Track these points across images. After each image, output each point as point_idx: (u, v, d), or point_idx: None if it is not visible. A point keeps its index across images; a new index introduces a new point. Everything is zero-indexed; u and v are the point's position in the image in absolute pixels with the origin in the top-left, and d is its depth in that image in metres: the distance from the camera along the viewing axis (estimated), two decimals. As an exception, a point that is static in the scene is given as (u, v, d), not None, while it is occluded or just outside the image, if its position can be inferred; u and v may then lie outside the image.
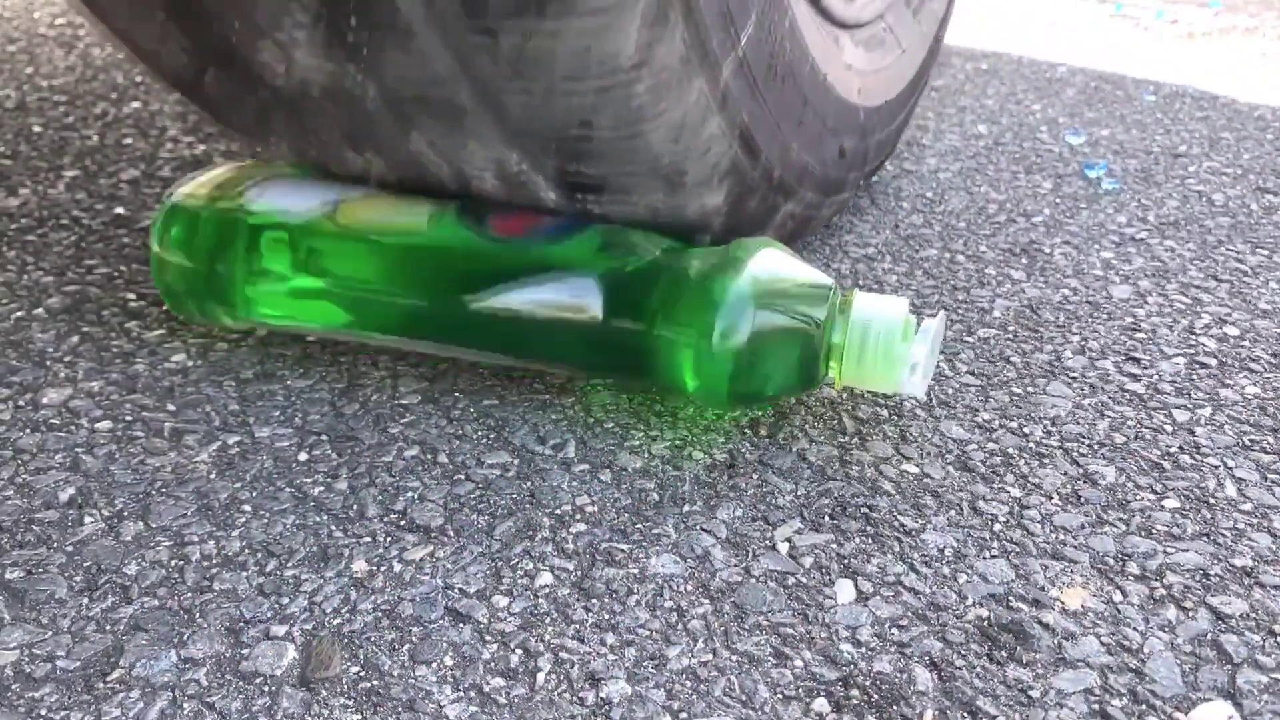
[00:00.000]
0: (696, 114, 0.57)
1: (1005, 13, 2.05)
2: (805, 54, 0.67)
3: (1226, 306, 0.78)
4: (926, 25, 0.96)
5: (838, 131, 0.76)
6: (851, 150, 0.80)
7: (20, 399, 0.62)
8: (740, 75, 0.59)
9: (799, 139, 0.70)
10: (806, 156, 0.72)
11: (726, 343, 0.54)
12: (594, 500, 0.54)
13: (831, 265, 0.85)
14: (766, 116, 0.64)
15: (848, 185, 0.83)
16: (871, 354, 0.55)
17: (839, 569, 0.49)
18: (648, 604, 0.47)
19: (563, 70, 0.52)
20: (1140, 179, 1.08)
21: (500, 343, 0.60)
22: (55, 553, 0.49)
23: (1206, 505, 0.54)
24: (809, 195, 0.75)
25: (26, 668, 0.42)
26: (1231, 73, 1.56)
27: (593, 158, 0.57)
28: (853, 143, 0.80)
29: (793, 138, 0.69)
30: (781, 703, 0.41)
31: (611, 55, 0.51)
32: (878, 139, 0.87)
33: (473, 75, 0.53)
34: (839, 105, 0.75)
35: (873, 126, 0.84)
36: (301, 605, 0.46)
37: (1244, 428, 0.61)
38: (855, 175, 0.84)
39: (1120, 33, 1.88)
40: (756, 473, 0.57)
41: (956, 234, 0.93)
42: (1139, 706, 0.41)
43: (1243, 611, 0.46)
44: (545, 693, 0.42)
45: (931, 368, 0.57)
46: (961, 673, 0.43)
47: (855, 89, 0.79)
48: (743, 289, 0.54)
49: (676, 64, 0.53)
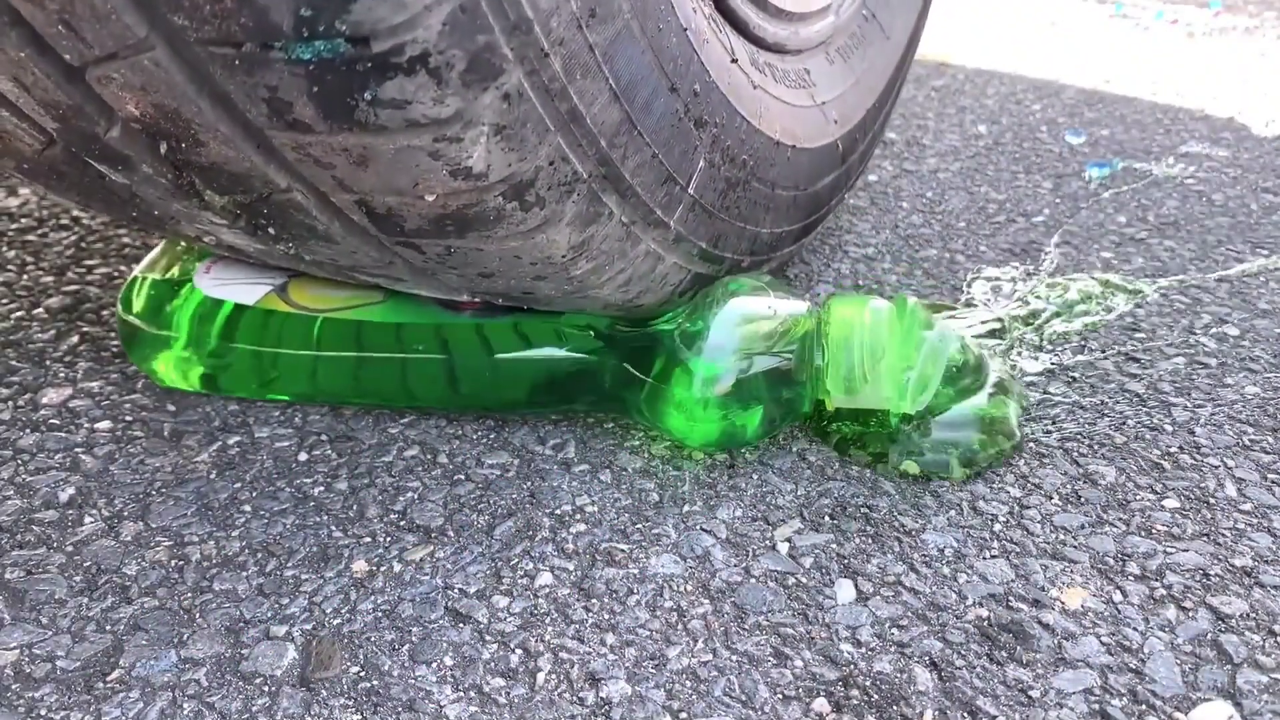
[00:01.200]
0: (648, 264, 0.55)
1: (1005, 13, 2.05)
2: (769, 140, 0.61)
3: (1226, 306, 0.78)
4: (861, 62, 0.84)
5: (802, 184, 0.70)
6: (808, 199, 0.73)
7: (20, 399, 0.62)
8: (694, 212, 0.55)
9: (769, 220, 0.65)
10: (776, 229, 0.67)
11: (708, 395, 0.54)
12: (594, 500, 0.54)
13: (831, 265, 0.85)
14: (730, 225, 0.60)
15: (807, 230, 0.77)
16: (858, 380, 0.55)
17: (839, 569, 0.49)
18: (648, 604, 0.47)
19: (495, 265, 0.49)
20: (1140, 179, 1.08)
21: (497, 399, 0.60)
22: (55, 553, 0.49)
23: (1206, 505, 0.54)
24: (766, 256, 0.70)
25: (26, 668, 0.42)
26: (1231, 73, 1.56)
27: (542, 304, 0.57)
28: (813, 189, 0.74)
29: (761, 223, 0.64)
30: (781, 703, 0.41)
31: (544, 255, 0.48)
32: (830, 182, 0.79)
33: (404, 261, 0.50)
34: (808, 161, 0.69)
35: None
36: (301, 605, 0.46)
37: (1244, 428, 0.61)
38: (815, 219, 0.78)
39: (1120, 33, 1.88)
40: (756, 473, 0.57)
41: (956, 234, 0.93)
42: (1139, 706, 0.41)
43: (1243, 611, 0.46)
44: (545, 693, 0.42)
45: (932, 382, 0.56)
46: (961, 673, 0.43)
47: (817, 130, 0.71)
48: (718, 342, 0.54)
49: (617, 240, 0.52)
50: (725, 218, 0.59)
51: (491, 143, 0.41)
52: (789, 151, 0.64)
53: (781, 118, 0.63)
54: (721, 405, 0.54)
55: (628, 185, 0.49)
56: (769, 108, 0.62)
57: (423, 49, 0.37)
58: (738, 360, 0.54)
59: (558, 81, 0.42)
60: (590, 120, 0.45)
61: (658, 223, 0.53)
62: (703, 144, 0.54)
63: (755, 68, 0.62)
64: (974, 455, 0.56)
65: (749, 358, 0.54)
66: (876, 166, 1.12)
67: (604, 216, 0.49)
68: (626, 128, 0.47)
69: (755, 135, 0.59)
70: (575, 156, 0.45)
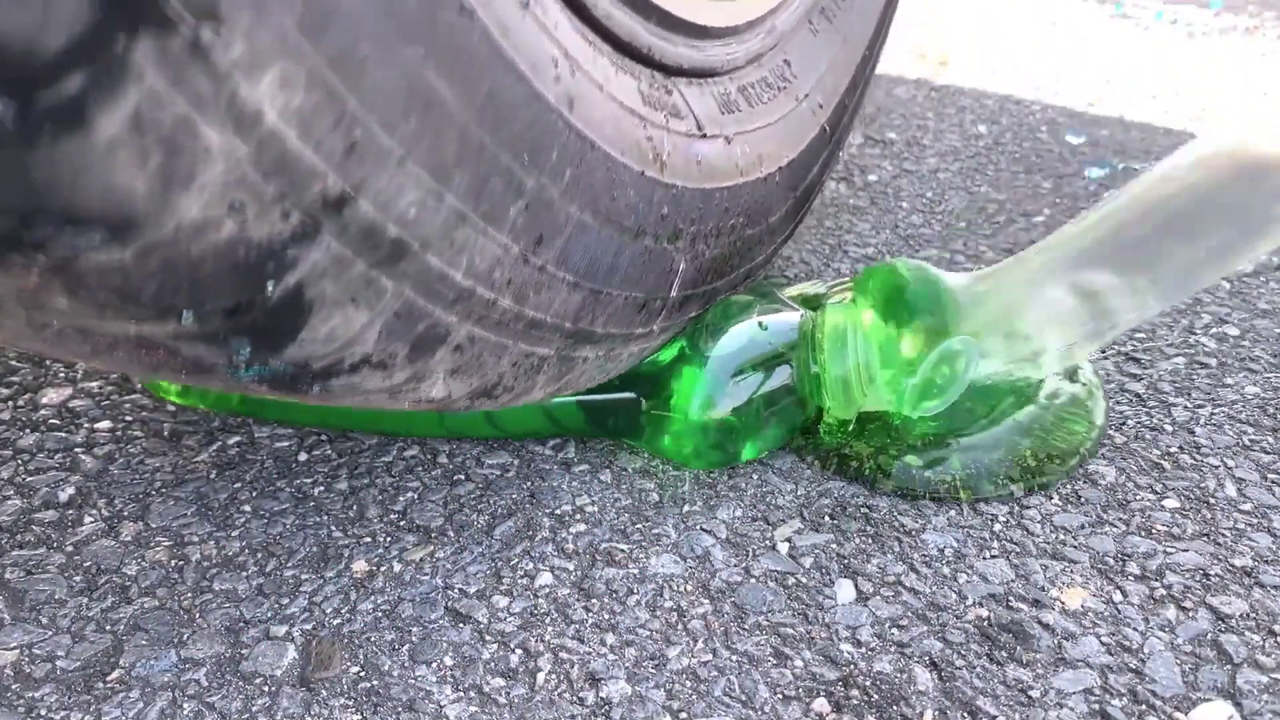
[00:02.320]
0: (633, 357, 0.53)
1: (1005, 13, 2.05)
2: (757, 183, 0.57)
3: (1226, 306, 0.78)
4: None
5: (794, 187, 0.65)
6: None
7: (20, 399, 0.62)
8: (681, 305, 0.53)
9: (764, 246, 0.62)
10: (773, 243, 0.64)
11: (708, 417, 0.54)
12: (594, 500, 0.54)
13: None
14: (724, 282, 0.57)
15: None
16: (856, 392, 0.55)
17: (839, 569, 0.49)
18: (648, 604, 0.47)
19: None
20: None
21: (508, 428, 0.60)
22: (55, 553, 0.49)
23: (1206, 505, 0.54)
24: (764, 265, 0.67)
25: (26, 668, 0.42)
26: (1231, 73, 1.56)
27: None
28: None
29: (757, 255, 0.61)
30: (781, 703, 0.41)
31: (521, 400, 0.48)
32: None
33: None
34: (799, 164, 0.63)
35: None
36: (301, 605, 0.46)
37: (1244, 428, 0.61)
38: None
39: (1120, 33, 1.88)
40: (756, 473, 0.57)
41: (956, 234, 0.93)
42: (1139, 706, 0.41)
43: (1243, 611, 0.46)
44: (545, 693, 0.42)
45: (948, 389, 0.54)
46: (961, 673, 0.43)
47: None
48: (715, 372, 0.54)
49: (596, 365, 0.50)
50: (716, 283, 0.57)
51: (449, 380, 0.42)
52: (777, 176, 0.60)
53: (764, 146, 0.58)
54: (721, 430, 0.54)
55: (601, 335, 0.48)
56: (749, 149, 0.56)
57: (363, 354, 0.37)
58: (734, 386, 0.54)
59: (510, 311, 0.41)
60: (551, 316, 0.44)
61: (639, 336, 0.52)
62: (681, 250, 0.51)
63: (728, 110, 0.55)
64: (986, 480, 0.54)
65: (746, 379, 0.54)
66: (876, 166, 1.12)
67: (579, 363, 0.49)
68: (592, 299, 0.46)
69: (739, 194, 0.55)
70: (540, 347, 0.45)
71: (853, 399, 0.55)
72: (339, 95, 0.31)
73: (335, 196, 0.32)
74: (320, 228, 0.33)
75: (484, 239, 0.39)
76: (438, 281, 0.38)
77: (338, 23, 0.30)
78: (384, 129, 0.33)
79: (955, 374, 0.53)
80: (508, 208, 0.39)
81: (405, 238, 0.35)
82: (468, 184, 0.37)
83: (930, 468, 0.54)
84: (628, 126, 0.45)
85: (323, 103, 0.31)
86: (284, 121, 0.30)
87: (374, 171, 0.33)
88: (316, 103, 0.31)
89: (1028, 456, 0.55)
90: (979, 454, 0.55)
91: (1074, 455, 0.56)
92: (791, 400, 0.55)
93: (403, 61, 0.33)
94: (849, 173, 1.10)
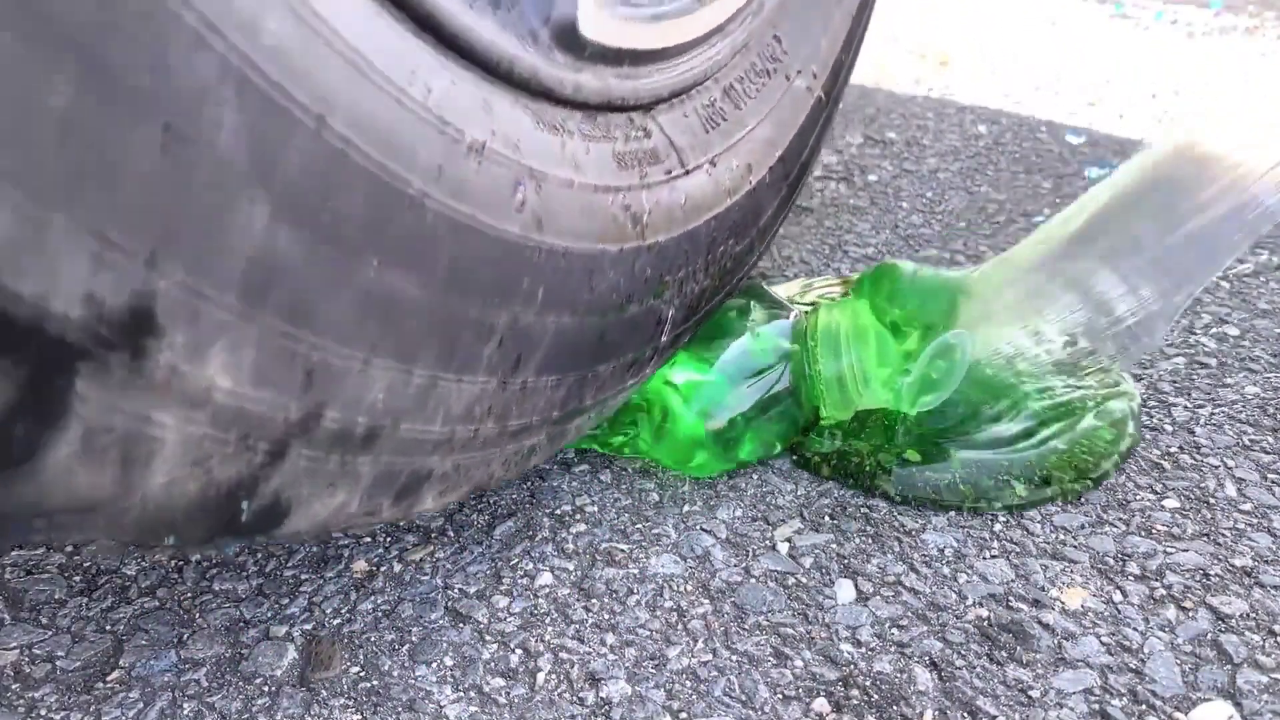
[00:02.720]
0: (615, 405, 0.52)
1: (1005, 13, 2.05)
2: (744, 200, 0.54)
3: (1226, 306, 0.78)
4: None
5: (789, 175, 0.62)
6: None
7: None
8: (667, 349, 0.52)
9: (756, 254, 0.60)
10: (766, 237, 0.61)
11: (706, 426, 0.54)
12: (594, 500, 0.54)
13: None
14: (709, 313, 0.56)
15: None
16: (853, 392, 0.55)
17: (839, 569, 0.49)
18: (648, 604, 0.47)
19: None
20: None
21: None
22: (55, 553, 0.49)
23: (1206, 505, 0.54)
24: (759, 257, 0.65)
25: (26, 668, 0.42)
26: (1231, 73, 1.56)
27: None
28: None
29: (748, 269, 0.59)
30: (781, 703, 0.41)
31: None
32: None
33: None
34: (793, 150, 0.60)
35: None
36: (301, 605, 0.46)
37: (1244, 428, 0.61)
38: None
39: (1120, 33, 1.88)
40: (756, 473, 0.57)
41: (956, 234, 0.93)
42: (1139, 706, 0.41)
43: (1243, 611, 0.46)
44: (545, 693, 0.42)
45: (944, 383, 0.54)
46: (961, 673, 0.43)
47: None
48: (710, 379, 0.54)
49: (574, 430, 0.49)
50: (709, 306, 0.55)
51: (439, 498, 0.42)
52: (768, 177, 0.57)
53: (753, 152, 0.55)
54: (720, 437, 0.54)
55: (591, 404, 0.47)
56: (737, 161, 0.53)
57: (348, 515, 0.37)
58: (731, 394, 0.54)
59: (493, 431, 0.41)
60: (537, 417, 0.43)
61: (632, 385, 0.51)
62: (669, 299, 0.49)
63: (713, 124, 0.53)
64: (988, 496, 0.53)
65: (742, 386, 0.54)
66: (876, 166, 1.12)
67: (571, 431, 0.48)
68: (578, 385, 0.45)
69: (728, 217, 0.52)
70: (529, 440, 0.44)
71: (848, 399, 0.55)
72: (292, 337, 0.30)
73: (299, 419, 0.32)
74: (288, 448, 0.32)
75: (458, 388, 0.38)
76: (414, 442, 0.37)
77: (280, 279, 0.29)
78: (342, 344, 0.32)
79: (951, 368, 0.53)
80: (481, 352, 0.38)
81: (377, 423, 0.35)
82: (435, 353, 0.36)
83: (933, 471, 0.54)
84: (603, 206, 0.43)
85: (275, 350, 0.30)
86: (237, 383, 0.29)
87: (336, 384, 0.32)
88: (269, 353, 0.30)
89: (1050, 465, 0.54)
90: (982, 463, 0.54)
91: (1096, 469, 0.55)
92: (789, 403, 0.55)
93: (355, 281, 0.32)
94: (849, 173, 1.10)
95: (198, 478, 0.30)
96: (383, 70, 0.32)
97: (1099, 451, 0.55)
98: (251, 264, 0.28)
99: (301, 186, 0.29)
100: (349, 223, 0.31)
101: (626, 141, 0.45)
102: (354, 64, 0.30)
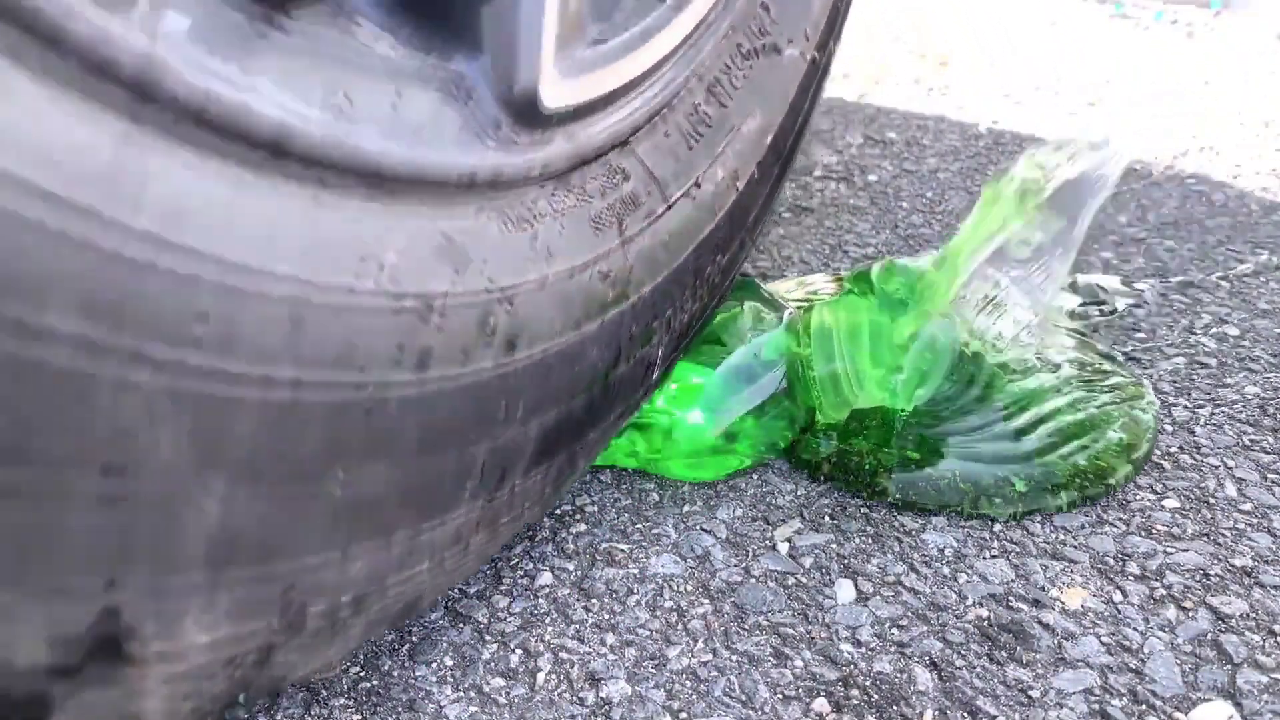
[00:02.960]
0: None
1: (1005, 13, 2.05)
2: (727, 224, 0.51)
3: (1226, 306, 0.78)
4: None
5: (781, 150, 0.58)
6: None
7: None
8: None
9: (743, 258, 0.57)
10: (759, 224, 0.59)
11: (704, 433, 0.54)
12: (594, 500, 0.54)
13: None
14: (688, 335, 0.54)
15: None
16: (847, 392, 0.55)
17: (839, 569, 0.49)
18: (648, 604, 0.47)
19: None
20: (1141, 179, 1.08)
21: None
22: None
23: (1206, 505, 0.54)
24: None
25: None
26: (1231, 72, 1.56)
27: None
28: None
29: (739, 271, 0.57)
30: (781, 703, 0.41)
31: None
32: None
33: None
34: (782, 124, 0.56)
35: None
36: (301, 605, 0.46)
37: (1244, 428, 0.61)
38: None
39: (1120, 33, 1.88)
40: (756, 473, 0.57)
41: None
42: (1139, 706, 0.41)
43: (1243, 611, 0.46)
44: (545, 693, 0.42)
45: (932, 374, 0.55)
46: (961, 673, 0.43)
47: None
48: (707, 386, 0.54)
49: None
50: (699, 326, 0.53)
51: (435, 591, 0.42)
52: (756, 173, 0.53)
53: (740, 159, 0.51)
54: (718, 443, 0.54)
55: (584, 464, 0.46)
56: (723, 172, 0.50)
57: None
58: (729, 399, 0.54)
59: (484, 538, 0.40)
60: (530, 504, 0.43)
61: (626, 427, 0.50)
62: (656, 342, 0.47)
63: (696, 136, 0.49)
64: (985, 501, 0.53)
65: (740, 390, 0.54)
66: (876, 166, 1.12)
67: (567, 482, 0.47)
68: (569, 462, 0.44)
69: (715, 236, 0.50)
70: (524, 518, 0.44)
71: (843, 399, 0.55)
72: (265, 573, 0.30)
73: (283, 625, 0.31)
74: (274, 649, 0.32)
75: (442, 529, 0.37)
76: (404, 586, 0.36)
77: (245, 535, 0.28)
78: (317, 552, 0.31)
79: (937, 358, 0.54)
80: (463, 488, 0.36)
81: (363, 592, 0.34)
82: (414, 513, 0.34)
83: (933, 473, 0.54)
84: (580, 287, 0.39)
85: (250, 589, 0.29)
86: (215, 630, 0.29)
87: (316, 583, 0.32)
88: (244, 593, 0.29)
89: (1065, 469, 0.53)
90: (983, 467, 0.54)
91: (1109, 475, 0.54)
92: (787, 403, 0.55)
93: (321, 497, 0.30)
94: (849, 173, 1.10)
95: (191, 701, 0.30)
96: (328, 283, 0.28)
97: (1114, 464, 0.55)
98: (213, 539, 0.27)
99: (254, 450, 0.27)
100: (310, 458, 0.29)
101: (603, 195, 0.42)
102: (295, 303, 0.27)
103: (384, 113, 0.30)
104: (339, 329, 0.29)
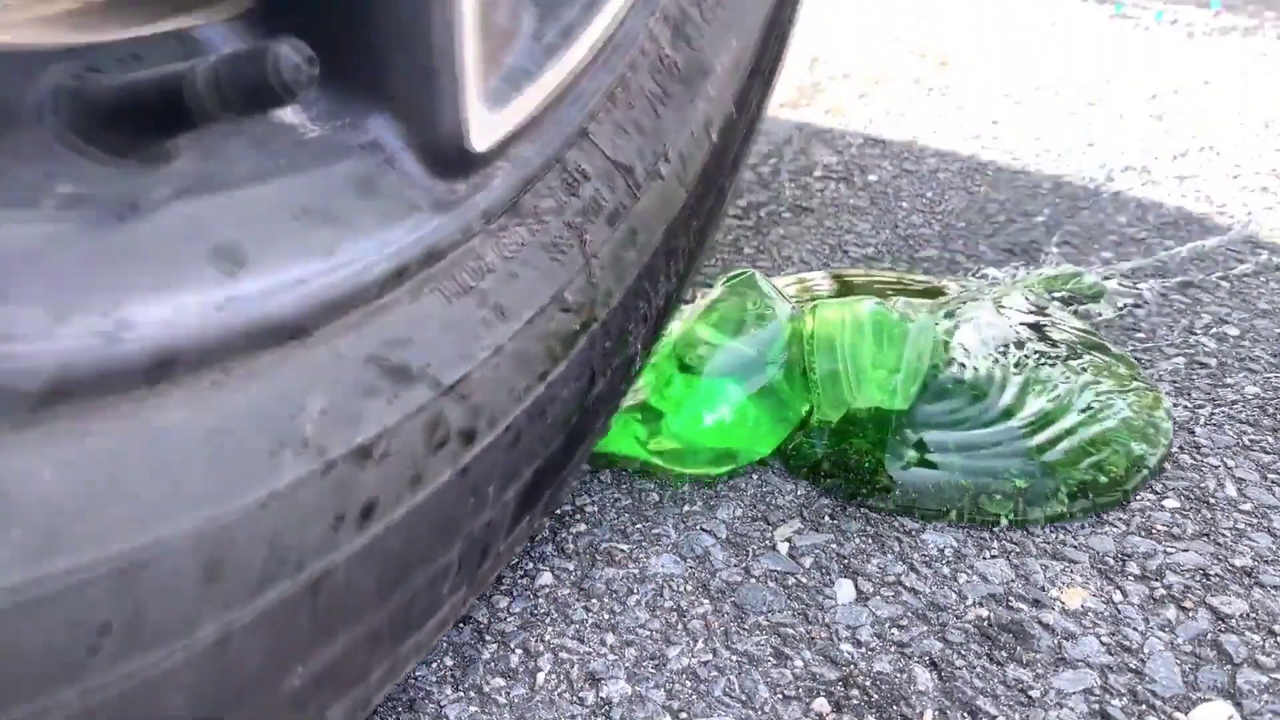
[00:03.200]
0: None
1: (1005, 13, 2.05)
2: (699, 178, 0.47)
3: (1226, 306, 0.78)
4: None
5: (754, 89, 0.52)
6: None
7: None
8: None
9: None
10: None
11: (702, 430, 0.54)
12: (594, 500, 0.54)
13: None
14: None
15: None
16: (847, 392, 0.55)
17: (839, 569, 0.49)
18: (648, 604, 0.47)
19: None
20: (1140, 179, 1.08)
21: None
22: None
23: (1206, 505, 0.54)
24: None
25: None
26: (1231, 73, 1.56)
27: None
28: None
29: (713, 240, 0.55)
30: (781, 703, 0.41)
31: None
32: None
33: None
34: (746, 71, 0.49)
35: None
36: (301, 605, 0.46)
37: (1244, 428, 0.61)
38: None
39: (1120, 33, 1.88)
40: (756, 473, 0.57)
41: (956, 234, 0.93)
42: (1139, 706, 0.41)
43: (1243, 611, 0.46)
44: (545, 693, 0.42)
45: (918, 369, 0.56)
46: (961, 673, 0.43)
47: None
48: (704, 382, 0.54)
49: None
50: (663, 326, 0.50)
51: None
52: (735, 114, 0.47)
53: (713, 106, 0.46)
54: (716, 440, 0.54)
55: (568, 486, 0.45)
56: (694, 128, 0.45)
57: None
58: (726, 396, 0.54)
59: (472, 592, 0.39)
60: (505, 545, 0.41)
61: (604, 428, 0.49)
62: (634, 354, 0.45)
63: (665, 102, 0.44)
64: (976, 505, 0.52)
65: (736, 387, 0.54)
66: (876, 166, 1.12)
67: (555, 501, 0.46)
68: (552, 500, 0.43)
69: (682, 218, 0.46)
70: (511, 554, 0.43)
71: (840, 398, 0.55)
72: None
73: None
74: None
75: (423, 634, 0.35)
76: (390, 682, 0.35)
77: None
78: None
79: (920, 352, 0.55)
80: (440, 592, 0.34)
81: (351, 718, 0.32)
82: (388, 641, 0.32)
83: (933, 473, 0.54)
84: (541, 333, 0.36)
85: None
86: None
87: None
88: None
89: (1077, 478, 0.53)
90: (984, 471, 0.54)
91: (1116, 487, 0.53)
92: (785, 402, 0.55)
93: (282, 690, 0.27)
94: (849, 173, 1.10)
95: None
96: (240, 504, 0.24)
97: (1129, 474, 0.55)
98: None
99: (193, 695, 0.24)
100: (257, 673, 0.26)
101: (560, 213, 0.37)
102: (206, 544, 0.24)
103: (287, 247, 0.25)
104: (261, 535, 0.24)
